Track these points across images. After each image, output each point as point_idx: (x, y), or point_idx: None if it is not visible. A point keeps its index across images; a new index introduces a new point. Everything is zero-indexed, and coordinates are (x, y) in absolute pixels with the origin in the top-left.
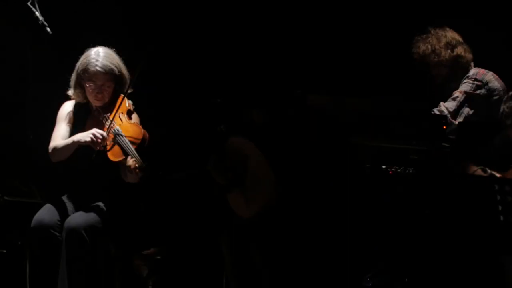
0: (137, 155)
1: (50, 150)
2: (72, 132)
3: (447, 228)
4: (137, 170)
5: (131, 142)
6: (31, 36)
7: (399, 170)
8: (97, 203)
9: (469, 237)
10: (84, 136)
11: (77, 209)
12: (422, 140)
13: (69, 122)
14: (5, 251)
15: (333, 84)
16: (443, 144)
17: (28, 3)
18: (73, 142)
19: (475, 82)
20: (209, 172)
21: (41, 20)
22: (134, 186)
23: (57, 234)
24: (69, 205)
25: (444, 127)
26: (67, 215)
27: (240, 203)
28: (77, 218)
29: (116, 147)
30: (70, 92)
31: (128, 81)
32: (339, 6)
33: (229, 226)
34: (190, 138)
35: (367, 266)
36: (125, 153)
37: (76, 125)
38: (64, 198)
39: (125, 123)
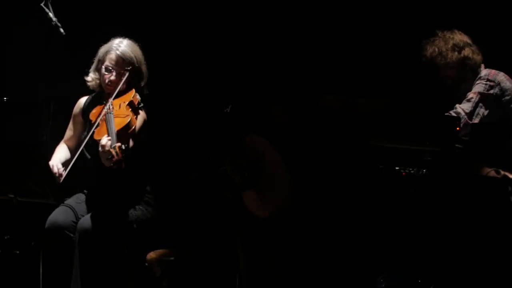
0: (114, 137)
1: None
2: (84, 127)
3: (460, 230)
4: (108, 150)
5: (116, 125)
6: (44, 36)
7: (412, 172)
8: (110, 204)
9: (482, 238)
10: (50, 163)
11: (90, 210)
12: (436, 142)
13: (76, 119)
14: (18, 252)
15: (346, 85)
16: (457, 145)
17: (42, 4)
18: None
19: (488, 82)
20: (224, 171)
21: (55, 21)
22: (147, 187)
23: (71, 235)
24: (83, 206)
25: (458, 128)
26: (81, 216)
27: (256, 202)
28: (90, 219)
29: (103, 127)
30: (88, 77)
31: (144, 78)
32: (352, 9)
33: (243, 226)
34: (203, 139)
35: (380, 268)
36: (108, 133)
37: (85, 118)
38: (78, 199)
39: (120, 110)
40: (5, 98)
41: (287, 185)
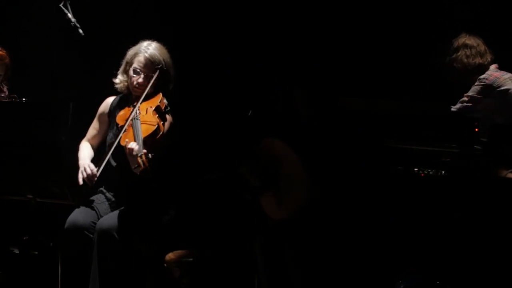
0: (141, 144)
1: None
2: (109, 127)
3: (478, 231)
4: (132, 150)
5: (143, 131)
6: (63, 37)
7: (431, 173)
8: (129, 205)
9: (500, 240)
10: (80, 164)
11: (107, 210)
12: (454, 143)
13: (101, 119)
14: (37, 252)
15: (364, 86)
16: (475, 147)
17: (61, 5)
18: (79, 160)
19: (481, 84)
20: (242, 173)
21: (74, 22)
22: (166, 188)
23: (91, 235)
24: (103, 207)
25: (476, 129)
26: (100, 217)
27: (273, 204)
28: (109, 219)
29: (130, 132)
30: (116, 79)
31: (172, 81)
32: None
33: (262, 228)
34: (223, 141)
35: (399, 269)
36: (134, 139)
37: (111, 119)
38: (98, 199)
39: (147, 115)
40: (24, 99)
41: (304, 187)
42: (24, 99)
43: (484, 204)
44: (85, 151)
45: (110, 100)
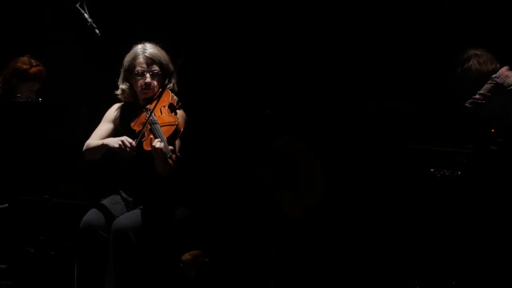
0: (167, 146)
1: (84, 147)
2: (115, 133)
3: (495, 231)
4: (161, 150)
5: (164, 132)
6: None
7: (447, 173)
8: (144, 204)
9: None
10: (114, 141)
11: (123, 210)
12: (470, 143)
13: (110, 122)
14: (53, 252)
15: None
16: (491, 147)
17: (77, 5)
18: (103, 145)
19: (492, 83)
20: (258, 172)
21: (90, 22)
22: (183, 188)
23: (106, 235)
24: (118, 207)
25: (493, 130)
26: (115, 217)
27: (289, 203)
28: (125, 219)
29: (151, 137)
30: (118, 91)
31: (174, 76)
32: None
33: (277, 226)
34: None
35: (415, 270)
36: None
37: (123, 126)
38: (113, 200)
39: (163, 116)
40: (40, 99)
41: (320, 187)
42: (40, 99)
43: (500, 205)
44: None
45: (119, 105)
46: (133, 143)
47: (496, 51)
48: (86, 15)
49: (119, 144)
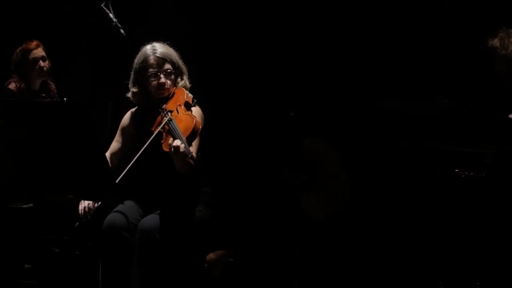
0: (187, 145)
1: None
2: (131, 139)
3: None
4: (183, 152)
5: (183, 132)
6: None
7: (472, 174)
8: (168, 205)
9: None
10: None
11: (148, 211)
12: (495, 144)
13: (123, 134)
14: (77, 252)
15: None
16: None
17: (102, 5)
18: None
19: None
20: (283, 173)
21: (115, 22)
22: (207, 188)
23: (129, 236)
24: (141, 207)
25: None
26: (138, 217)
27: (314, 205)
28: (150, 220)
29: (170, 138)
30: (129, 93)
31: (186, 73)
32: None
33: (302, 228)
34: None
35: (439, 271)
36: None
37: (138, 130)
38: (136, 200)
39: (180, 115)
40: (65, 99)
41: (344, 187)
42: (64, 99)
43: None
44: None
45: (132, 111)
46: (90, 210)
47: None
48: (111, 15)
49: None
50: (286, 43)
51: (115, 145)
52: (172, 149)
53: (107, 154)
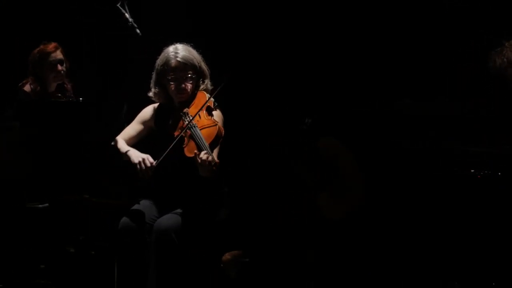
0: (210, 152)
1: (112, 142)
2: (149, 134)
3: None
4: (209, 162)
5: (206, 138)
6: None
7: (487, 174)
8: (184, 206)
9: None
10: (136, 156)
11: (164, 211)
12: (496, 144)
13: (143, 123)
14: (93, 252)
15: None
16: None
17: (118, 5)
18: (125, 154)
19: None
20: (298, 172)
21: (131, 22)
22: (223, 188)
23: (144, 236)
24: (157, 207)
25: None
26: (154, 217)
27: (329, 204)
28: (167, 220)
29: (192, 143)
30: (151, 93)
31: (208, 76)
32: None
33: (316, 228)
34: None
35: (455, 270)
36: (199, 149)
37: (158, 126)
38: (152, 200)
39: (202, 120)
40: (81, 99)
41: (360, 187)
42: (80, 99)
43: None
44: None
45: (155, 106)
46: (154, 164)
47: None
48: (127, 15)
49: (139, 161)
50: (286, 43)
51: (129, 131)
52: (199, 160)
53: (121, 138)
